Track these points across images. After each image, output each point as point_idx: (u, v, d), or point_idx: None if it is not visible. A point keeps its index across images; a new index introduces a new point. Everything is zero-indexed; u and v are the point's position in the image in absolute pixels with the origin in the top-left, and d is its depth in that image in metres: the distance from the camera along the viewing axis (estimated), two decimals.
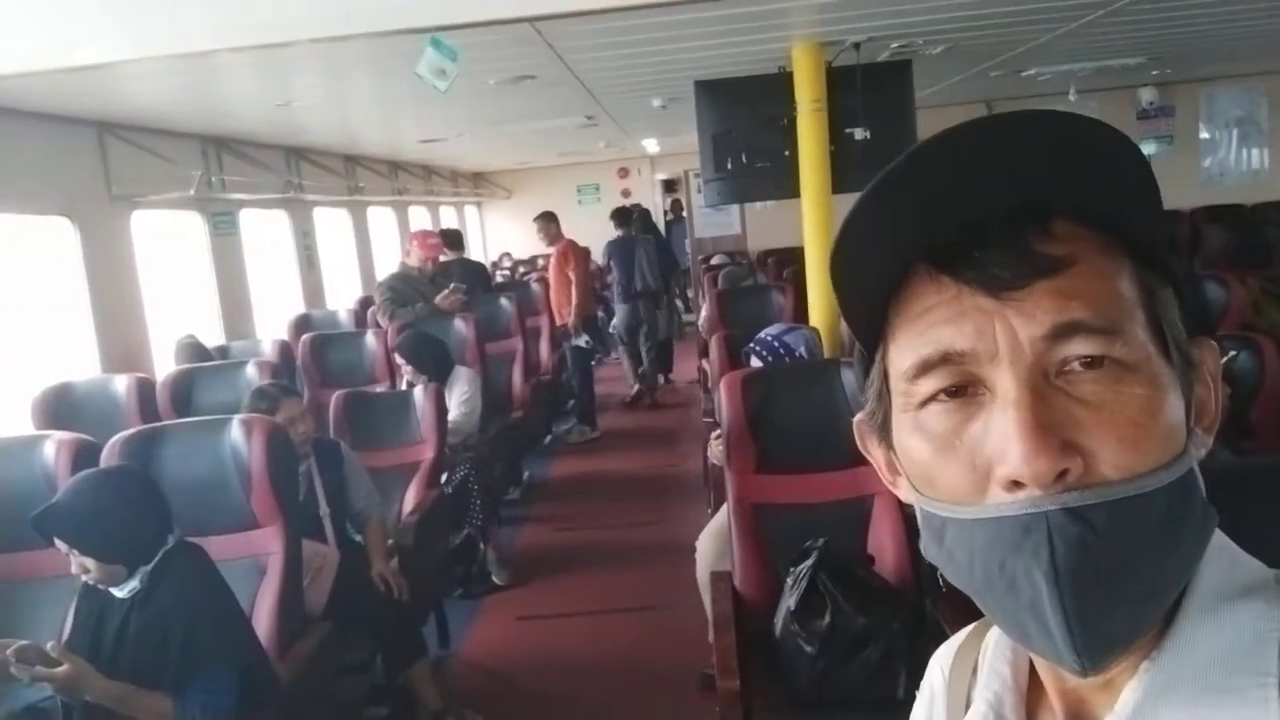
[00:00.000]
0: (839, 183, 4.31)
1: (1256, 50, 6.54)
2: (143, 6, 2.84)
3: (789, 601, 2.43)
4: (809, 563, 2.44)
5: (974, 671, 0.67)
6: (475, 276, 6.98)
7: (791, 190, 4.43)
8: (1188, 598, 0.52)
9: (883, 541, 2.73)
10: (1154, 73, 7.38)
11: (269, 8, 2.85)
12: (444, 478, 4.09)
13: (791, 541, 2.60)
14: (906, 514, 2.73)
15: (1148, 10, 4.34)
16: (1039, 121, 0.50)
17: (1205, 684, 0.50)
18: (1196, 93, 8.91)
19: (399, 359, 4.54)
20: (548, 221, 7.52)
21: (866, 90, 4.36)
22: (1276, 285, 4.94)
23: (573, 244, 7.56)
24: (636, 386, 8.16)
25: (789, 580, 2.49)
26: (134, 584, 2.14)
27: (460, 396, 4.60)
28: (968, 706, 0.67)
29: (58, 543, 2.10)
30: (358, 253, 8.28)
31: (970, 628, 0.71)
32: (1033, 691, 0.62)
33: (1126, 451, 0.49)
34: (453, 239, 7.64)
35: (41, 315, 4.58)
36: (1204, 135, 9.23)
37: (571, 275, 7.31)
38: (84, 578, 2.14)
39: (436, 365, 4.52)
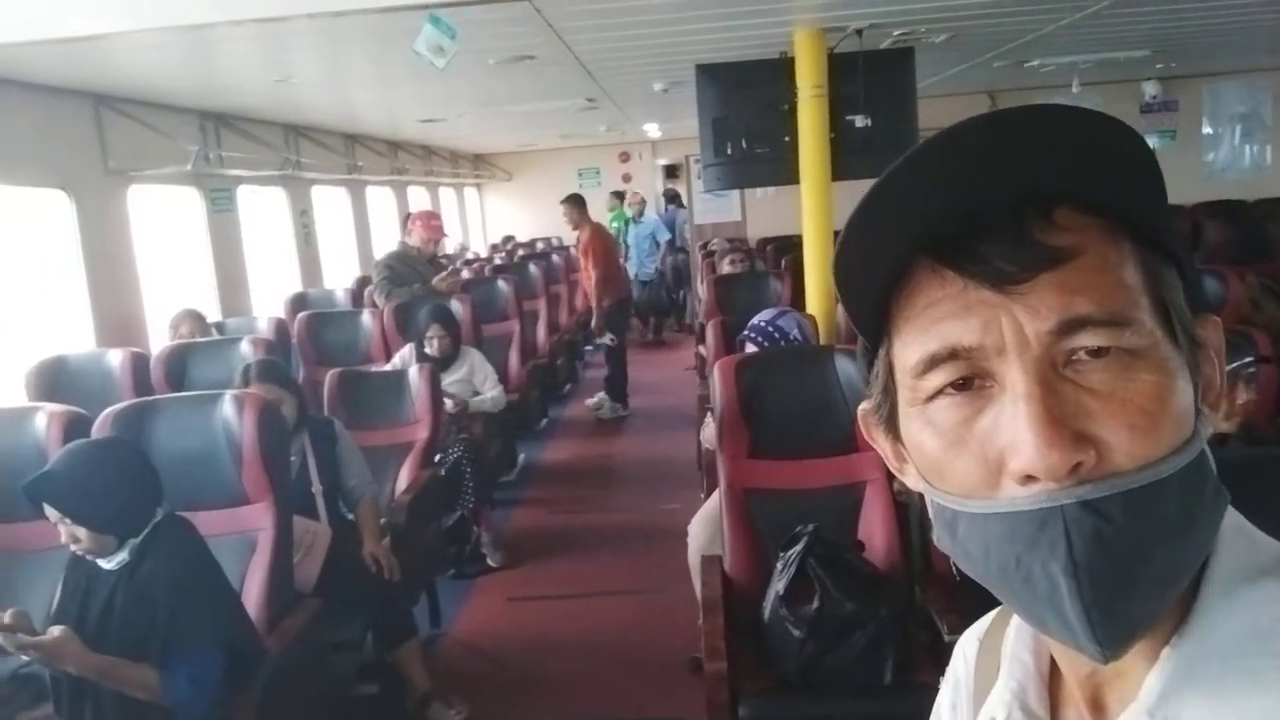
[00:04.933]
0: (839, 170, 4.29)
1: (1262, 46, 6.52)
2: None
3: (778, 586, 2.43)
4: (799, 548, 2.44)
5: (999, 658, 0.67)
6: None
7: (791, 176, 4.41)
8: (1206, 581, 0.52)
9: (873, 528, 2.73)
10: (1158, 66, 7.36)
11: None
12: (437, 458, 4.09)
13: (782, 527, 2.60)
14: (897, 501, 2.73)
15: (1153, 2, 4.32)
16: (1038, 115, 0.50)
17: (1226, 668, 0.50)
18: (1200, 88, 8.89)
19: (436, 326, 4.62)
20: (572, 205, 7.38)
21: (868, 77, 4.34)
22: (1275, 281, 4.93)
23: (598, 232, 7.44)
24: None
25: (779, 565, 2.49)
26: (122, 556, 2.14)
27: (493, 374, 4.84)
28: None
29: (48, 511, 2.09)
30: (356, 232, 8.25)
31: (994, 613, 0.71)
32: (1055, 679, 0.62)
33: (1139, 440, 0.49)
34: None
35: (39, 288, 4.57)
36: (1207, 130, 9.21)
37: (593, 272, 7.18)
38: (73, 548, 2.14)
39: (457, 339, 4.73)
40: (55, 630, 1.98)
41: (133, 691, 2.05)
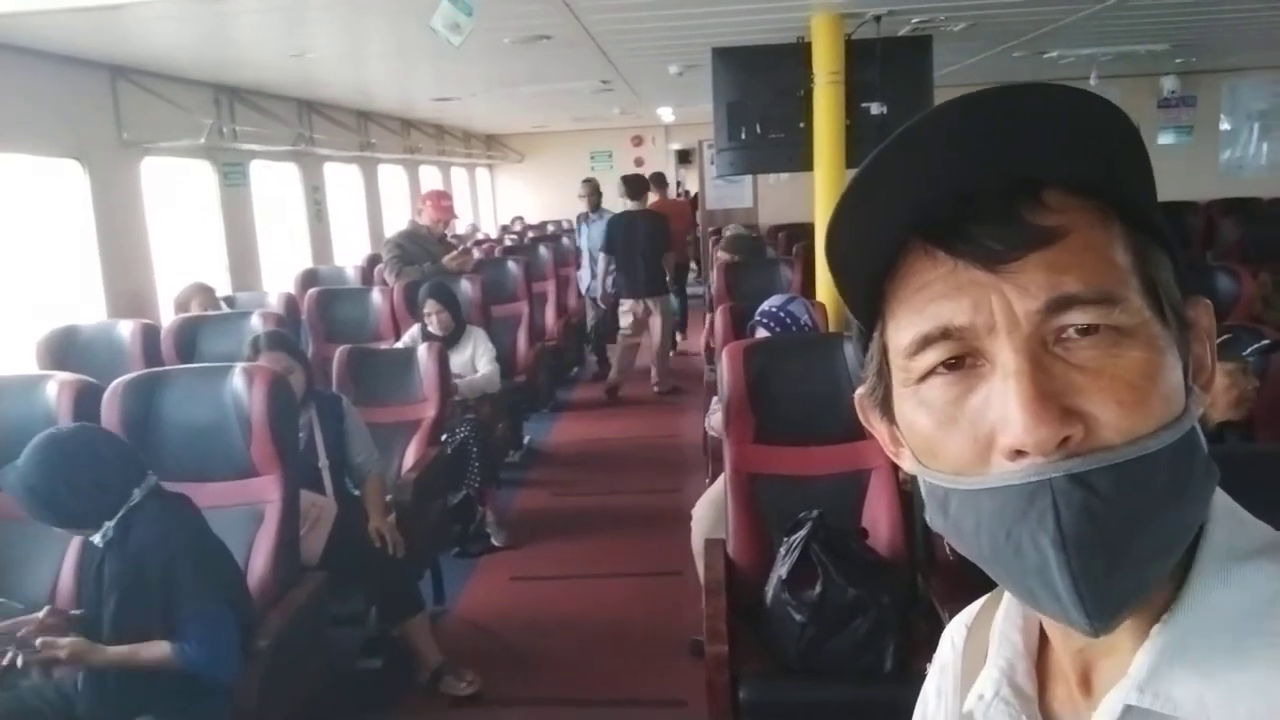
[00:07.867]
0: (853, 157, 4.28)
1: None
2: None
3: (781, 570, 2.43)
4: (802, 533, 2.45)
5: (987, 643, 0.67)
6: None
7: (805, 163, 4.40)
8: (1198, 560, 0.53)
9: (877, 516, 2.73)
10: (1177, 61, 7.30)
11: None
12: (444, 437, 4.10)
13: (786, 512, 2.60)
14: (902, 490, 2.74)
15: None
16: (1026, 94, 0.50)
17: (1216, 645, 0.50)
18: (1219, 83, 8.81)
19: (432, 302, 4.58)
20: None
21: (885, 65, 4.32)
22: None
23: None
24: None
25: (782, 550, 2.50)
26: (107, 531, 2.15)
27: (489, 353, 4.75)
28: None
29: None
30: (367, 210, 8.25)
31: (982, 600, 0.72)
32: (1044, 657, 0.63)
33: (1127, 414, 0.49)
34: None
35: (50, 258, 4.59)
36: (1225, 127, 9.13)
37: None
38: None
39: (456, 315, 4.66)
40: (64, 641, 2.03)
41: (155, 669, 2.10)
